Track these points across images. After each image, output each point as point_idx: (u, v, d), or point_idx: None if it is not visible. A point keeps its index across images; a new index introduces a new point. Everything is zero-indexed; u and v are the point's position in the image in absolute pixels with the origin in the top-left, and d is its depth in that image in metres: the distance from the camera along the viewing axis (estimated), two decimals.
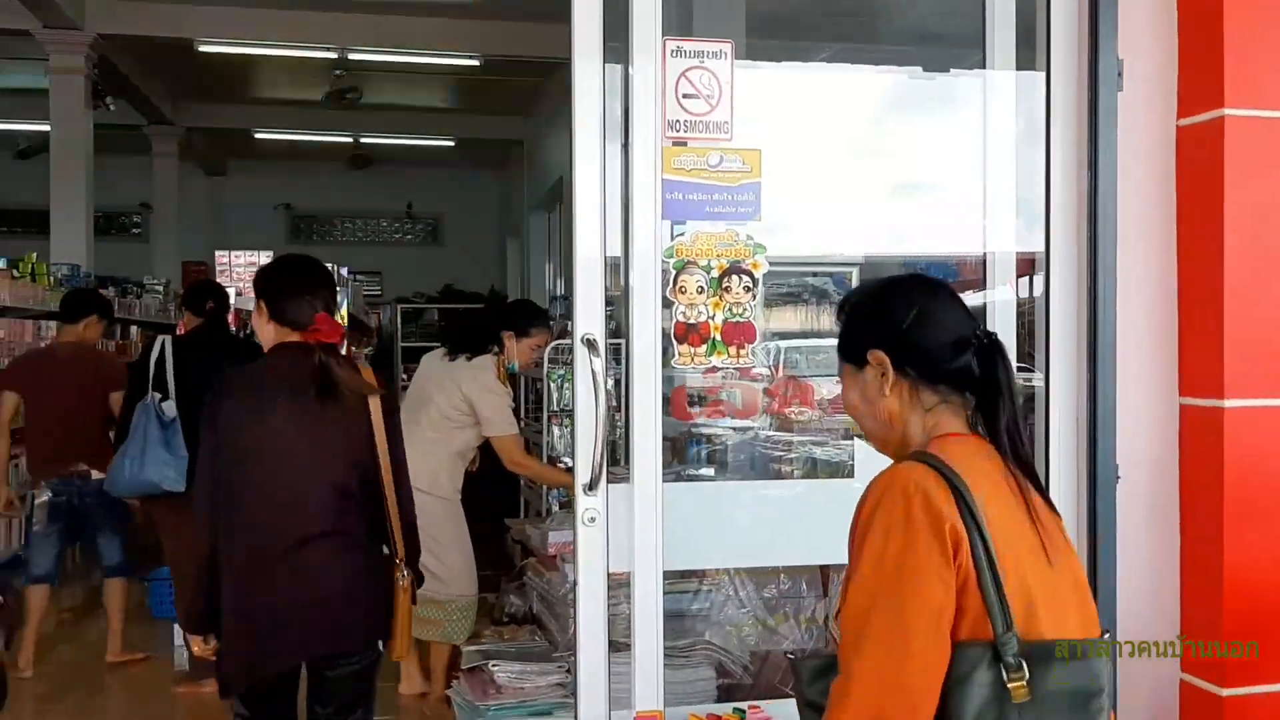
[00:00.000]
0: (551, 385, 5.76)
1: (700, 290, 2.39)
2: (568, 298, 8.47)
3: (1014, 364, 1.68)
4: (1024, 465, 1.60)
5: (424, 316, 14.93)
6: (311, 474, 2.68)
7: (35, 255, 8.39)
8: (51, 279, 8.43)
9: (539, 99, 13.50)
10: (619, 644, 2.50)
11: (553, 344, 5.88)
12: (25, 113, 12.63)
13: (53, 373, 5.21)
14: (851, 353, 1.70)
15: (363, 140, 15.38)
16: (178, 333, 5.48)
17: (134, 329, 10.58)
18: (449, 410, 4.32)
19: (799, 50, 3.13)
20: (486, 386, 4.33)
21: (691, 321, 2.39)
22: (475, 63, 11.02)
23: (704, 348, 2.40)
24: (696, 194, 2.39)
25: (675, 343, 2.39)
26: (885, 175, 2.96)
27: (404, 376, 11.82)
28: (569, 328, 6.28)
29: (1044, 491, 1.64)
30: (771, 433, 3.33)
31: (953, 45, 3.17)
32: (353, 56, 11.01)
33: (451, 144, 15.46)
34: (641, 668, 2.35)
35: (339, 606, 2.71)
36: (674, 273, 2.39)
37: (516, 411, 4.60)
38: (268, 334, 2.80)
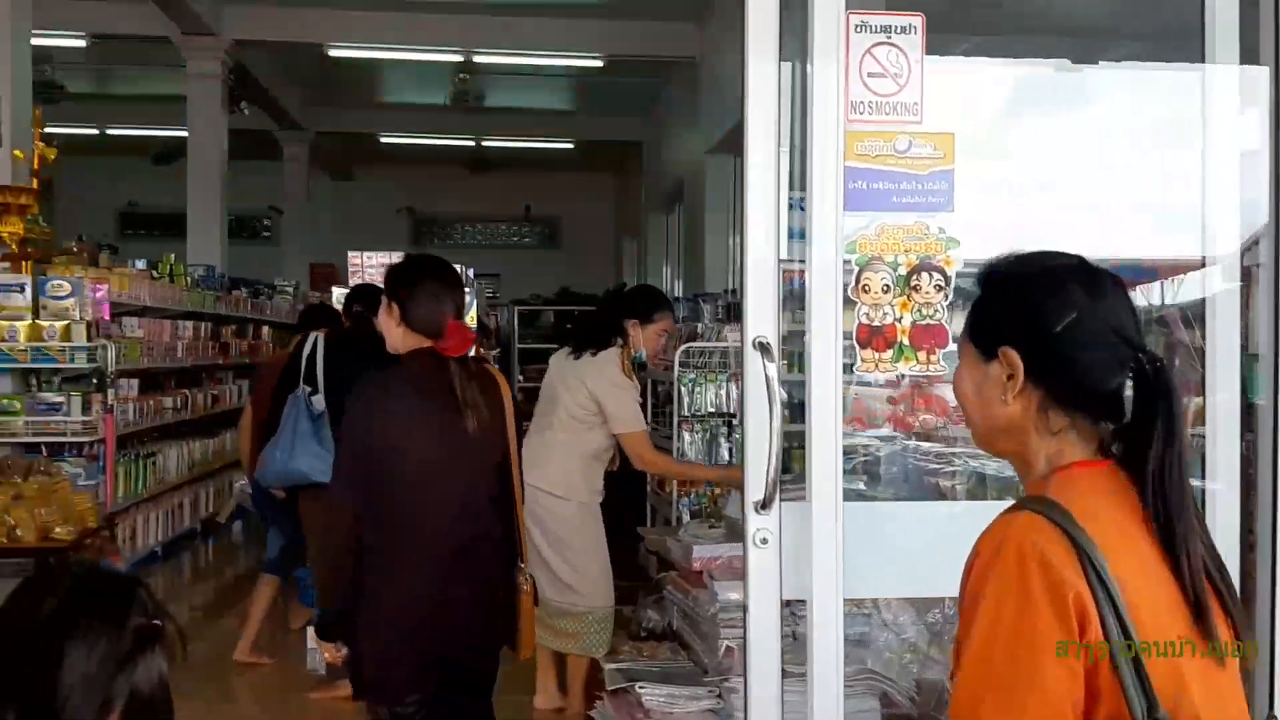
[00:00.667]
0: (682, 389, 5.58)
1: (886, 289, 2.17)
2: (692, 299, 8.32)
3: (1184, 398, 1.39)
4: (1170, 517, 1.30)
5: (541, 319, 14.96)
6: (462, 479, 2.70)
7: (173, 257, 8.59)
8: (188, 279, 8.62)
9: (659, 99, 13.38)
10: (785, 671, 2.30)
11: (684, 348, 5.71)
12: (163, 119, 13.04)
13: (264, 378, 5.35)
14: (980, 337, 1.40)
15: (484, 144, 15.48)
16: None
17: (265, 329, 10.81)
18: (576, 410, 4.16)
19: (935, 43, 2.87)
20: (612, 381, 4.14)
21: (876, 324, 2.17)
22: (598, 63, 10.95)
23: (890, 353, 2.18)
24: (882, 182, 2.17)
25: (858, 347, 2.17)
26: (1050, 173, 2.66)
27: (520, 378, 11.83)
28: (699, 330, 6.10)
29: (1200, 550, 1.31)
30: (927, 445, 3.07)
31: (1098, 36, 2.89)
32: (478, 59, 11.05)
33: (570, 146, 15.46)
34: (820, 704, 2.14)
35: (490, 612, 2.77)
36: (857, 270, 2.18)
37: (643, 410, 4.40)
38: (396, 335, 2.75)
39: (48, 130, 7.08)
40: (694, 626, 3.61)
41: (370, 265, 6.34)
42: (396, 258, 6.44)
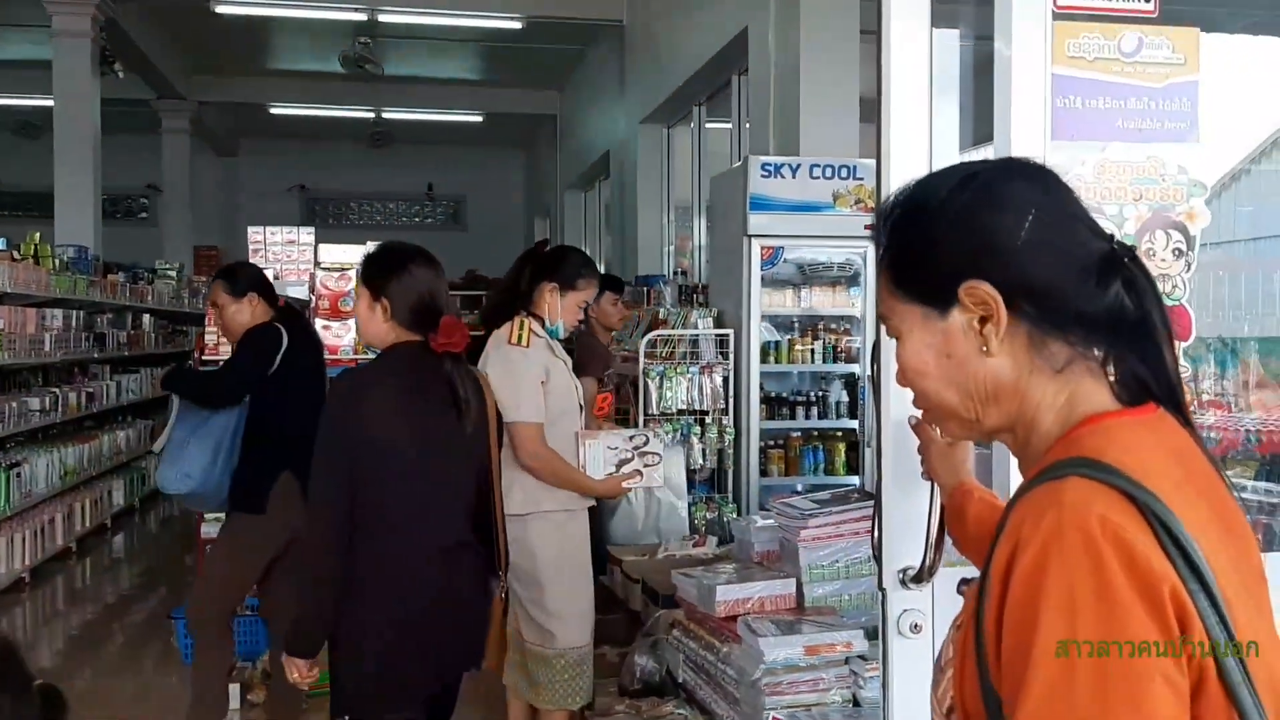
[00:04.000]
0: (649, 384, 4.87)
1: None
2: (640, 281, 7.59)
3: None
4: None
5: None
6: (448, 480, 2.57)
7: (39, 236, 7.51)
8: (56, 262, 7.55)
9: (576, 69, 12.60)
10: None
11: (649, 337, 4.99)
12: (29, 87, 11.73)
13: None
14: (924, 285, 1.07)
15: (384, 116, 14.48)
16: (207, 324, 4.74)
17: (146, 318, 9.71)
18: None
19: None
20: (505, 359, 3.35)
21: None
22: (516, 25, 10.09)
23: None
24: (1103, 98, 1.49)
25: None
26: None
27: None
28: (662, 316, 5.35)
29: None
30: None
31: None
32: (382, 19, 10.09)
33: (479, 119, 14.57)
34: None
35: (474, 621, 2.65)
36: None
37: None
38: (381, 331, 2.56)
39: None
40: (716, 685, 2.91)
41: (275, 242, 5.45)
42: (306, 234, 5.60)
